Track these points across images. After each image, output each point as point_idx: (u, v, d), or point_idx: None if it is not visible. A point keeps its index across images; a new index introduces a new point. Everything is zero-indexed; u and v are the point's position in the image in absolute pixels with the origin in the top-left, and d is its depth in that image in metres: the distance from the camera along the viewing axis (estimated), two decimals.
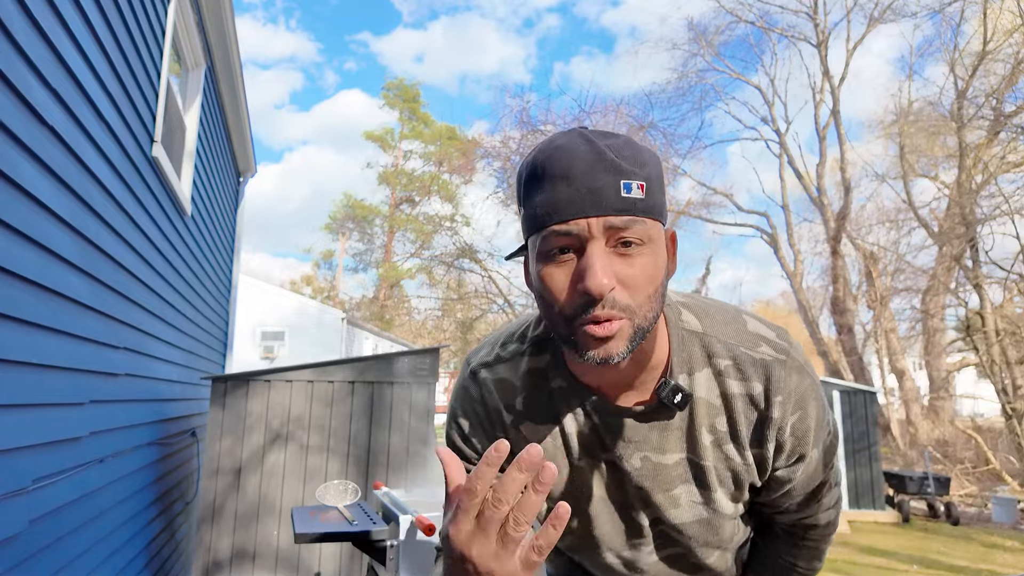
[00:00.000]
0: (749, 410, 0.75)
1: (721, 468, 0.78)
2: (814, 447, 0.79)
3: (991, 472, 9.68)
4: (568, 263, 0.64)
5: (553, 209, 0.63)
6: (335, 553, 3.59)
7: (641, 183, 0.62)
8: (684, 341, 0.76)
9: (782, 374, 0.74)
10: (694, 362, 0.76)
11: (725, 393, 0.75)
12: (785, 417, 0.75)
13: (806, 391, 0.75)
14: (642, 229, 0.63)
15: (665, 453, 0.78)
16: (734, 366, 0.75)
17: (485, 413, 0.83)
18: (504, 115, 16.29)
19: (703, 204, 17.00)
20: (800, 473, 0.80)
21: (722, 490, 0.80)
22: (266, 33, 49.09)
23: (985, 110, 10.68)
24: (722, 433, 0.77)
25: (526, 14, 47.06)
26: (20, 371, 1.68)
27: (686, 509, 0.81)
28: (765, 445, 0.76)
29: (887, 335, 13.64)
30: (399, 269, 25.16)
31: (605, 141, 0.64)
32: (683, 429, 0.77)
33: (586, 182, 0.62)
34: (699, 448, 0.77)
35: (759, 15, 15.07)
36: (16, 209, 1.62)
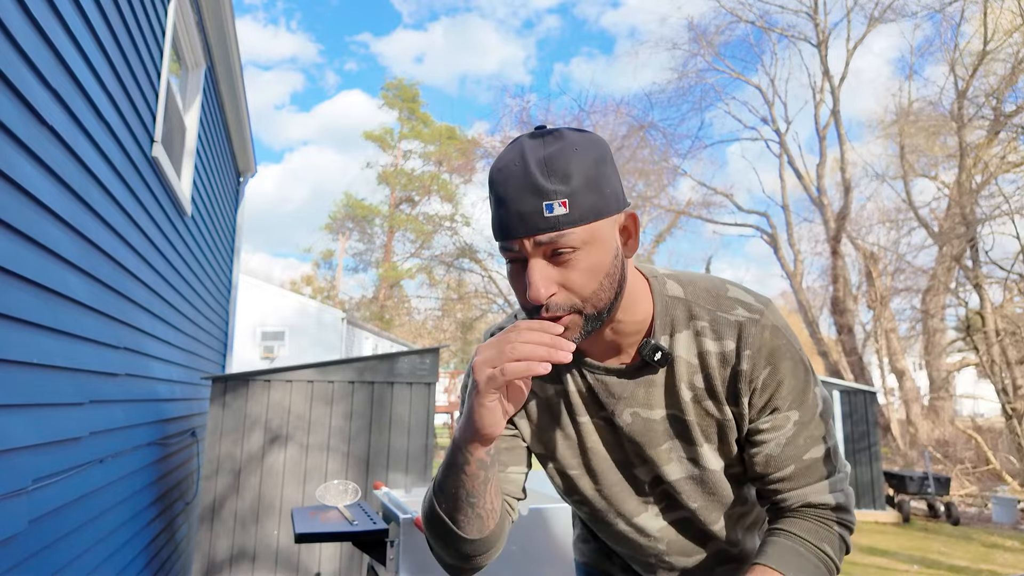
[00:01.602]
0: (722, 367, 0.82)
1: (704, 423, 0.85)
2: (791, 407, 0.83)
3: (991, 472, 9.68)
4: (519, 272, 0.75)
5: (497, 230, 0.74)
6: (335, 553, 3.59)
7: (563, 200, 0.69)
8: (667, 306, 0.84)
9: (753, 331, 0.81)
10: (676, 324, 0.84)
11: (702, 352, 0.83)
12: (755, 371, 0.81)
13: (777, 348, 0.81)
14: (571, 238, 0.71)
15: (652, 409, 0.86)
16: (711, 327, 0.83)
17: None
18: (504, 115, 16.32)
19: (703, 204, 17.03)
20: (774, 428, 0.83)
21: (707, 445, 0.86)
22: (267, 34, 49.10)
23: (985, 110, 10.68)
24: (700, 390, 0.84)
25: (526, 15, 47.07)
26: (20, 371, 1.68)
27: (676, 465, 0.88)
28: (740, 400, 0.82)
29: (887, 335, 13.64)
30: (399, 269, 25.16)
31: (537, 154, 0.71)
32: (665, 386, 0.85)
33: (516, 207, 0.71)
34: (681, 404, 0.85)
35: (759, 15, 15.08)
36: (16, 209, 1.62)
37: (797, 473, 0.84)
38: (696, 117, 22.36)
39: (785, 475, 0.84)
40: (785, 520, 0.86)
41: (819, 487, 0.84)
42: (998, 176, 10.54)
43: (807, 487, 0.84)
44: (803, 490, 0.85)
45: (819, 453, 0.84)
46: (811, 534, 0.83)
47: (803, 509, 0.85)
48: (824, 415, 0.85)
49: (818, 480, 0.84)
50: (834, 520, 0.84)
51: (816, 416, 0.84)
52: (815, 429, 0.84)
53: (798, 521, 0.84)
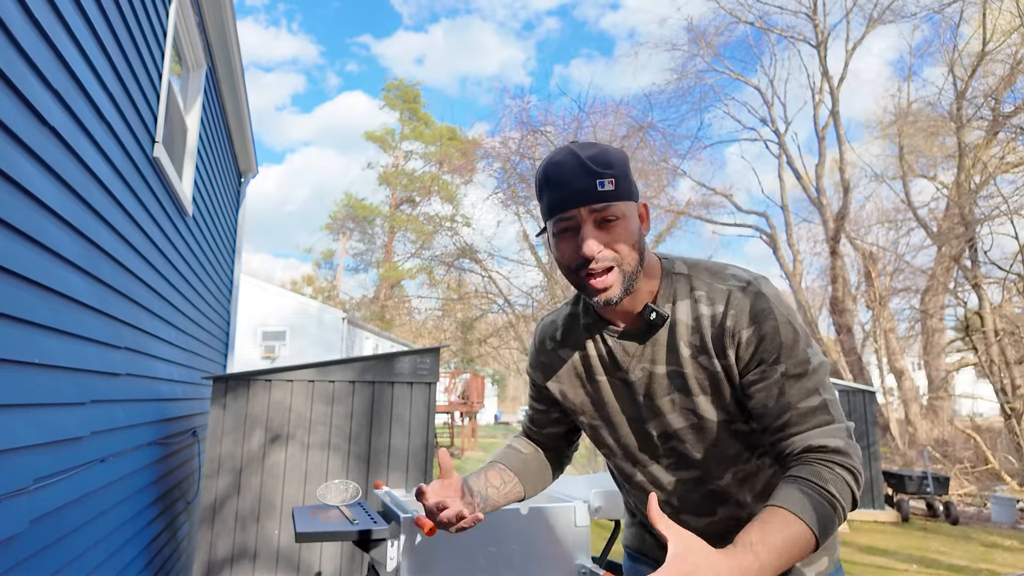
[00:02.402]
0: (712, 326, 0.97)
1: (700, 376, 0.99)
2: (777, 361, 0.93)
3: (990, 472, 9.69)
4: (571, 238, 0.96)
5: (557, 205, 0.96)
6: (336, 552, 3.60)
7: (611, 179, 0.93)
8: (673, 281, 1.02)
9: (739, 295, 0.96)
10: (678, 294, 1.01)
11: (697, 315, 0.99)
12: (738, 327, 0.95)
13: (762, 310, 0.94)
14: (616, 208, 0.94)
15: (656, 364, 1.02)
16: (707, 295, 0.99)
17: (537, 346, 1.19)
18: (504, 116, 16.33)
19: (702, 204, 17.03)
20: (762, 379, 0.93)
21: (703, 396, 0.99)
22: (268, 36, 49.15)
23: (984, 110, 10.69)
24: (696, 346, 0.99)
25: (526, 17, 47.11)
26: (21, 371, 1.68)
27: (678, 415, 1.02)
28: (726, 353, 0.96)
29: (886, 335, 13.65)
30: (399, 269, 25.16)
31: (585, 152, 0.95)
32: (669, 345, 1.01)
33: (575, 185, 0.93)
34: (680, 359, 0.99)
35: (758, 16, 15.09)
36: (17, 209, 1.62)
37: (795, 420, 0.91)
38: (695, 118, 22.39)
39: (783, 422, 0.92)
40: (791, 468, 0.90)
41: (818, 432, 0.90)
42: (997, 176, 10.56)
43: (807, 432, 0.91)
44: (804, 435, 0.91)
45: (815, 402, 0.92)
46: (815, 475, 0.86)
47: (805, 454, 0.90)
48: (818, 371, 0.94)
49: (817, 426, 0.91)
50: (836, 463, 0.87)
51: (808, 371, 0.93)
52: (807, 382, 0.92)
53: (802, 466, 0.88)
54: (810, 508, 0.81)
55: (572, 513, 2.13)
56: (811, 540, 0.80)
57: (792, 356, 0.92)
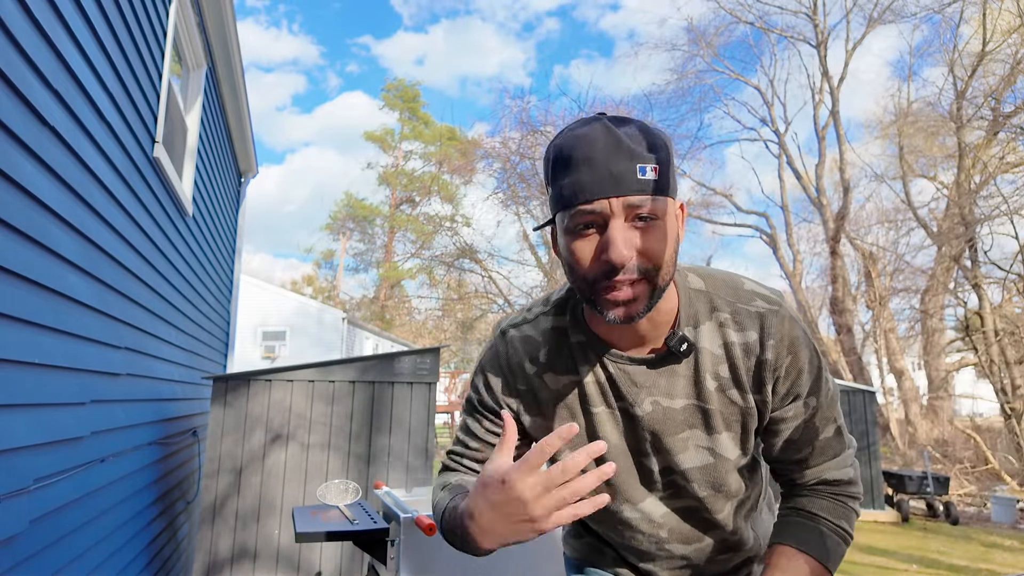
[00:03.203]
0: (747, 357, 0.85)
1: (727, 412, 0.87)
2: (810, 393, 0.86)
3: (990, 472, 9.69)
4: (592, 237, 0.74)
5: (579, 190, 0.73)
6: (336, 552, 3.60)
7: (655, 166, 0.73)
8: (691, 299, 0.87)
9: (774, 321, 0.84)
10: (699, 316, 0.86)
11: (726, 342, 0.85)
12: (779, 359, 0.84)
13: (797, 338, 0.84)
14: (656, 205, 0.73)
15: (673, 398, 0.87)
16: (733, 319, 0.85)
17: (508, 367, 0.94)
18: (504, 116, 16.33)
19: (703, 204, 17.02)
20: (795, 415, 0.87)
21: (728, 434, 0.88)
22: (268, 36, 49.10)
23: (984, 110, 10.69)
24: (725, 379, 0.86)
25: (525, 18, 47.08)
26: (21, 371, 1.68)
27: (692, 453, 0.89)
28: (764, 388, 0.85)
29: (886, 335, 13.65)
30: (399, 269, 25.16)
31: (622, 128, 0.74)
32: (689, 376, 0.86)
33: (607, 166, 0.72)
34: (705, 393, 0.86)
35: (758, 16, 15.08)
36: (17, 209, 1.62)
37: (813, 454, 0.89)
38: (695, 118, 22.34)
39: (802, 456, 0.89)
40: (803, 499, 0.91)
41: (833, 464, 0.89)
42: (997, 176, 10.56)
43: (822, 465, 0.89)
44: (818, 468, 0.89)
45: (831, 433, 0.88)
46: (830, 513, 0.88)
47: (818, 486, 0.90)
48: (835, 396, 0.90)
49: (832, 458, 0.89)
50: (847, 495, 0.89)
51: (830, 399, 0.88)
52: (827, 411, 0.88)
53: (816, 500, 0.89)
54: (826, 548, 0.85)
55: None
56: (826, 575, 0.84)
57: (819, 387, 0.86)
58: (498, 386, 0.94)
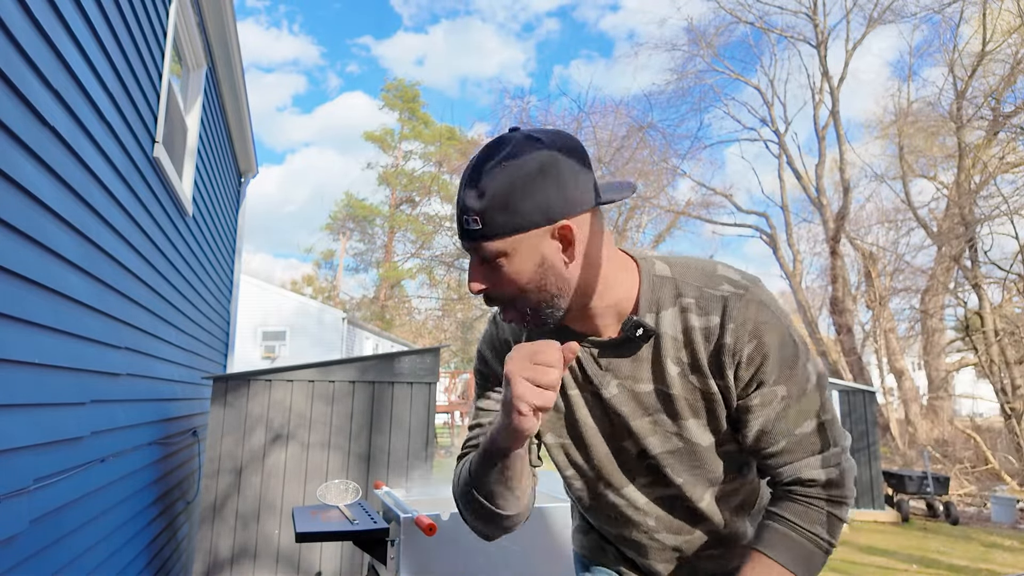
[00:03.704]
0: (706, 341, 0.84)
1: (691, 398, 0.87)
2: (778, 382, 0.84)
3: (990, 472, 9.69)
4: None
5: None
6: (336, 552, 3.60)
7: (476, 217, 0.77)
8: (654, 285, 0.87)
9: (737, 305, 0.82)
10: (663, 302, 0.87)
11: (687, 327, 0.85)
12: (739, 344, 0.82)
13: (763, 323, 0.82)
14: (488, 249, 0.78)
15: (638, 382, 0.89)
16: (696, 303, 0.85)
17: (501, 346, 1.00)
18: (504, 116, 16.32)
19: (702, 204, 17.02)
20: (763, 404, 0.84)
21: (693, 419, 0.89)
22: (269, 37, 49.14)
23: (984, 110, 10.69)
24: (686, 364, 0.86)
25: (525, 18, 47.13)
26: (21, 371, 1.68)
27: (659, 438, 0.90)
28: (725, 373, 0.84)
29: (886, 335, 13.65)
30: (399, 269, 25.17)
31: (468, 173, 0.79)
32: (652, 361, 0.88)
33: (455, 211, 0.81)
34: (667, 378, 0.87)
35: (758, 16, 15.08)
36: (17, 209, 1.62)
37: (789, 447, 0.86)
38: (695, 118, 22.30)
39: (777, 449, 0.86)
40: (779, 501, 0.88)
41: (811, 462, 0.85)
42: (997, 176, 10.56)
43: (799, 461, 0.86)
44: (795, 464, 0.86)
45: (810, 427, 0.85)
46: (802, 517, 0.85)
47: (795, 486, 0.87)
48: (818, 388, 0.86)
49: (810, 455, 0.86)
50: (823, 498, 0.85)
51: (808, 390, 0.85)
52: (807, 403, 0.85)
53: (790, 504, 0.86)
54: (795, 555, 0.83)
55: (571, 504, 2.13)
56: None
57: (792, 376, 0.84)
58: (492, 359, 1.01)
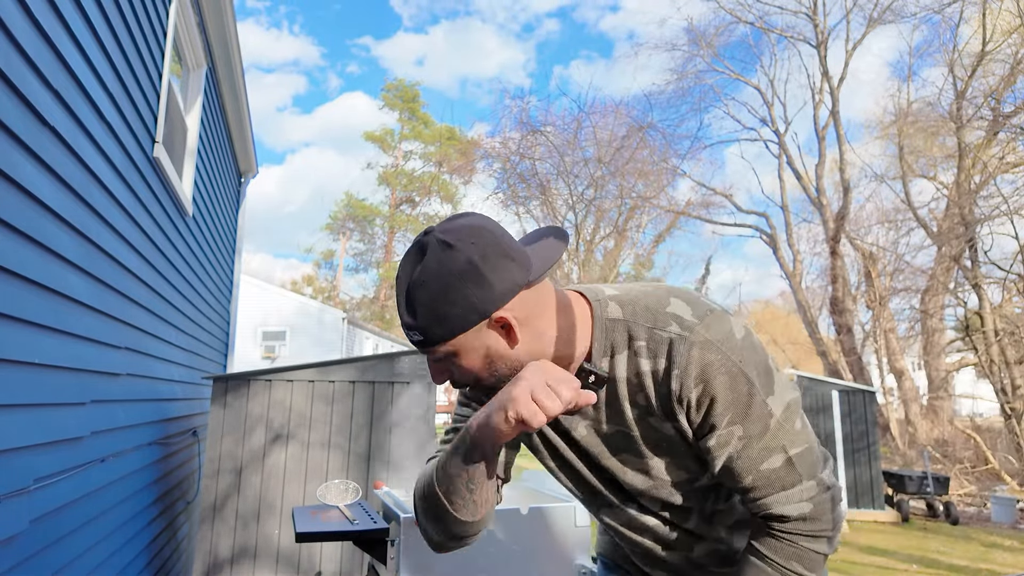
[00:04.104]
0: (656, 386, 0.85)
1: (652, 438, 0.89)
2: (732, 422, 0.81)
3: (990, 472, 9.69)
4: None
5: None
6: (336, 552, 3.60)
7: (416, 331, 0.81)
8: (606, 330, 0.87)
9: (681, 348, 0.81)
10: (616, 345, 0.87)
11: (639, 371, 0.85)
12: (684, 390, 0.81)
13: (708, 365, 0.80)
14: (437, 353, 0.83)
15: (603, 424, 0.91)
16: (647, 346, 0.84)
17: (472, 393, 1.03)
18: (504, 116, 16.33)
19: (702, 204, 17.03)
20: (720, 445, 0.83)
21: (658, 459, 0.90)
22: (269, 37, 49.19)
23: (984, 110, 10.69)
24: (642, 407, 0.87)
25: (525, 19, 47.17)
26: (21, 371, 1.68)
27: (632, 475, 0.93)
28: (677, 417, 0.84)
29: (886, 335, 13.65)
30: None
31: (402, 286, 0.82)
32: (612, 405, 0.89)
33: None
34: (626, 420, 0.89)
35: (758, 16, 15.08)
36: (17, 209, 1.62)
37: (756, 484, 0.84)
38: (695, 118, 22.28)
39: (746, 486, 0.85)
40: (756, 535, 0.88)
41: (781, 497, 0.83)
42: (997, 176, 10.56)
43: (768, 497, 0.84)
44: (765, 500, 0.84)
45: (777, 463, 0.83)
46: (777, 553, 0.84)
47: (769, 521, 0.86)
48: (784, 422, 0.83)
49: (780, 490, 0.83)
50: (800, 533, 0.84)
51: (771, 426, 0.82)
52: (770, 440, 0.82)
53: (766, 539, 0.86)
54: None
55: (572, 513, 2.13)
56: None
57: (748, 415, 0.81)
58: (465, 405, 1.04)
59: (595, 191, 15.14)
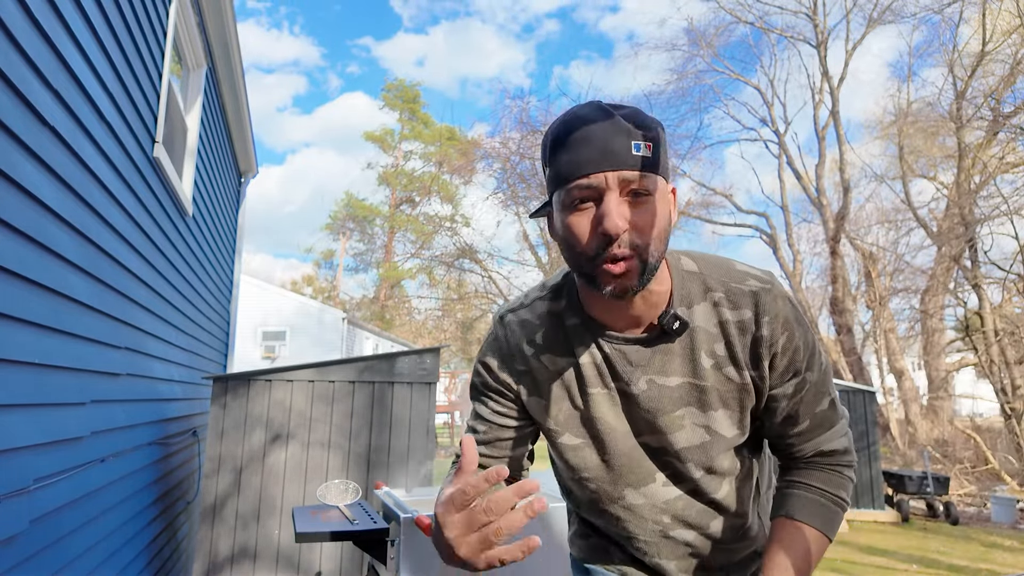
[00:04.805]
0: (742, 334, 0.87)
1: (723, 389, 0.89)
2: (808, 369, 0.88)
3: (990, 472, 9.69)
4: (588, 211, 0.77)
5: (576, 166, 0.76)
6: (336, 552, 3.60)
7: (648, 143, 0.76)
8: (684, 280, 0.89)
9: (768, 299, 0.86)
10: (693, 297, 0.88)
11: (721, 321, 0.87)
12: (775, 335, 0.86)
13: (790, 316, 0.87)
14: (649, 181, 0.76)
15: (668, 376, 0.89)
16: (727, 298, 0.87)
17: (508, 350, 0.96)
18: (504, 116, 16.33)
19: (702, 204, 17.03)
20: (795, 390, 0.89)
21: (723, 411, 0.90)
22: (269, 38, 49.20)
23: (984, 111, 10.69)
24: (721, 357, 0.88)
25: (525, 20, 47.14)
26: (21, 371, 1.68)
27: (688, 431, 0.91)
28: (760, 364, 0.87)
29: (886, 335, 13.65)
30: (399, 269, 25.15)
31: (618, 111, 0.77)
32: (684, 355, 0.88)
33: (603, 143, 0.75)
34: (700, 371, 0.88)
35: (758, 16, 15.08)
36: (17, 209, 1.62)
37: (812, 426, 0.91)
38: (695, 118, 22.34)
39: (802, 429, 0.92)
40: (801, 471, 0.94)
41: (829, 435, 0.92)
42: (996, 177, 10.56)
43: (820, 437, 0.92)
44: (816, 440, 0.92)
45: (826, 405, 0.91)
46: (829, 484, 0.91)
47: (815, 458, 0.93)
48: (827, 371, 0.91)
49: (828, 429, 0.92)
50: (843, 464, 0.92)
51: (824, 371, 0.90)
52: (822, 385, 0.90)
53: (814, 472, 0.93)
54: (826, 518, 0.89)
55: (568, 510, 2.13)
56: (826, 543, 0.88)
57: (814, 362, 0.88)
58: (497, 367, 0.97)
59: None
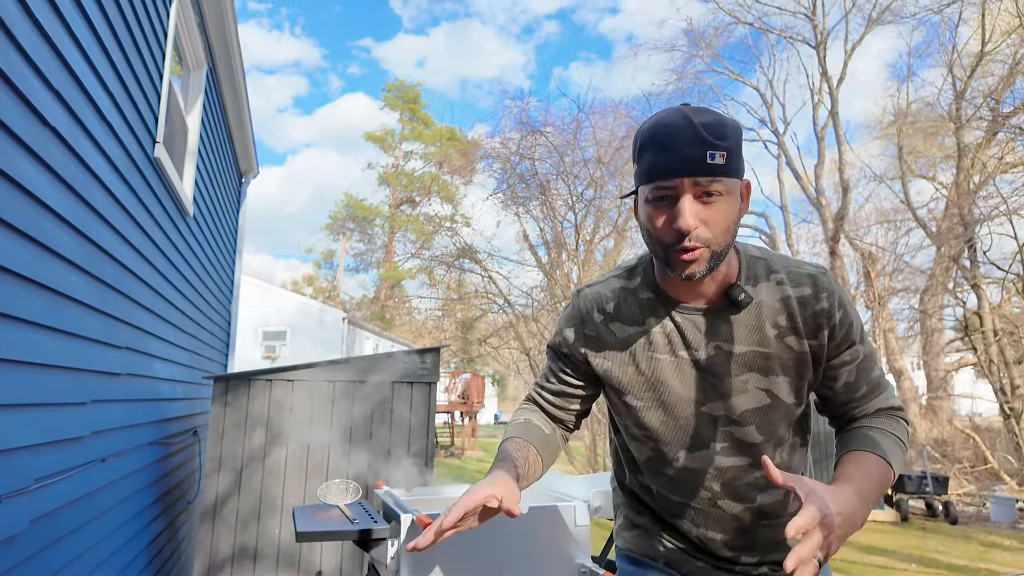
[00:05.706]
0: (803, 308, 1.00)
1: (784, 357, 1.01)
2: (860, 341, 1.03)
3: (989, 471, 9.69)
4: (666, 207, 0.91)
5: (658, 170, 0.90)
6: (336, 552, 3.60)
7: (723, 153, 0.87)
8: (751, 262, 1.03)
9: (824, 280, 1.01)
10: (759, 275, 1.02)
11: (784, 296, 1.01)
12: (832, 309, 0.99)
13: (843, 296, 1.01)
14: (720, 185, 0.89)
15: (734, 343, 1.01)
16: (788, 277, 1.02)
17: (580, 317, 1.11)
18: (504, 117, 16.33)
19: None
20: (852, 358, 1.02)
21: (784, 377, 1.01)
22: (270, 39, 49.23)
23: (983, 111, 10.69)
24: (784, 327, 1.00)
25: (525, 21, 47.20)
26: (21, 371, 1.68)
27: (751, 395, 1.01)
28: (820, 334, 1.00)
29: (885, 335, 13.66)
30: (399, 269, 25.15)
31: (699, 119, 0.89)
32: (750, 324, 1.00)
33: (682, 152, 0.88)
34: (764, 339, 1.00)
35: (757, 16, 15.08)
36: (18, 209, 1.63)
37: (869, 390, 1.05)
38: None
39: (862, 394, 1.05)
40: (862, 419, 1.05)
41: (885, 396, 1.06)
42: (996, 177, 10.57)
43: (877, 398, 1.05)
44: (874, 401, 1.05)
45: (879, 371, 1.06)
46: (887, 424, 1.03)
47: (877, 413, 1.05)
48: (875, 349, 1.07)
49: (883, 391, 1.06)
50: (901, 416, 1.05)
51: (872, 345, 1.07)
52: (874, 355, 1.05)
53: (874, 418, 1.04)
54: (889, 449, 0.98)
55: (572, 513, 2.13)
56: (891, 473, 0.96)
57: (865, 336, 1.04)
58: (571, 336, 1.11)
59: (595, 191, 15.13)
